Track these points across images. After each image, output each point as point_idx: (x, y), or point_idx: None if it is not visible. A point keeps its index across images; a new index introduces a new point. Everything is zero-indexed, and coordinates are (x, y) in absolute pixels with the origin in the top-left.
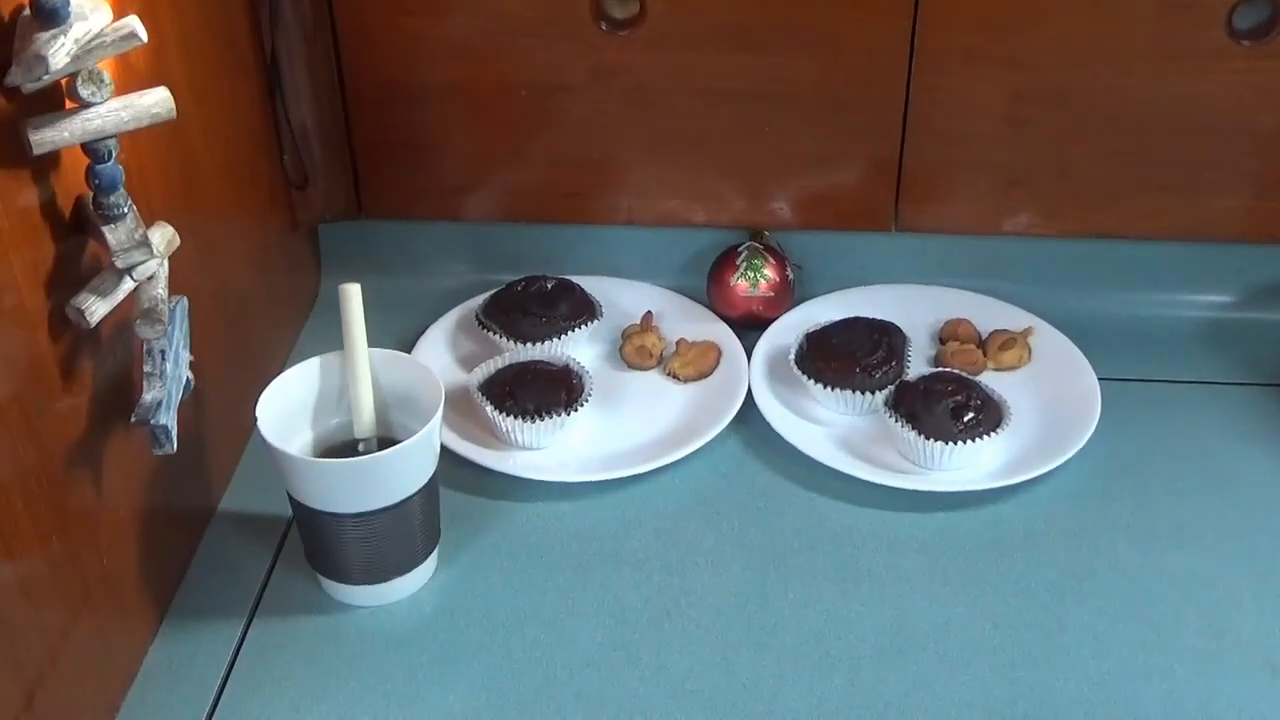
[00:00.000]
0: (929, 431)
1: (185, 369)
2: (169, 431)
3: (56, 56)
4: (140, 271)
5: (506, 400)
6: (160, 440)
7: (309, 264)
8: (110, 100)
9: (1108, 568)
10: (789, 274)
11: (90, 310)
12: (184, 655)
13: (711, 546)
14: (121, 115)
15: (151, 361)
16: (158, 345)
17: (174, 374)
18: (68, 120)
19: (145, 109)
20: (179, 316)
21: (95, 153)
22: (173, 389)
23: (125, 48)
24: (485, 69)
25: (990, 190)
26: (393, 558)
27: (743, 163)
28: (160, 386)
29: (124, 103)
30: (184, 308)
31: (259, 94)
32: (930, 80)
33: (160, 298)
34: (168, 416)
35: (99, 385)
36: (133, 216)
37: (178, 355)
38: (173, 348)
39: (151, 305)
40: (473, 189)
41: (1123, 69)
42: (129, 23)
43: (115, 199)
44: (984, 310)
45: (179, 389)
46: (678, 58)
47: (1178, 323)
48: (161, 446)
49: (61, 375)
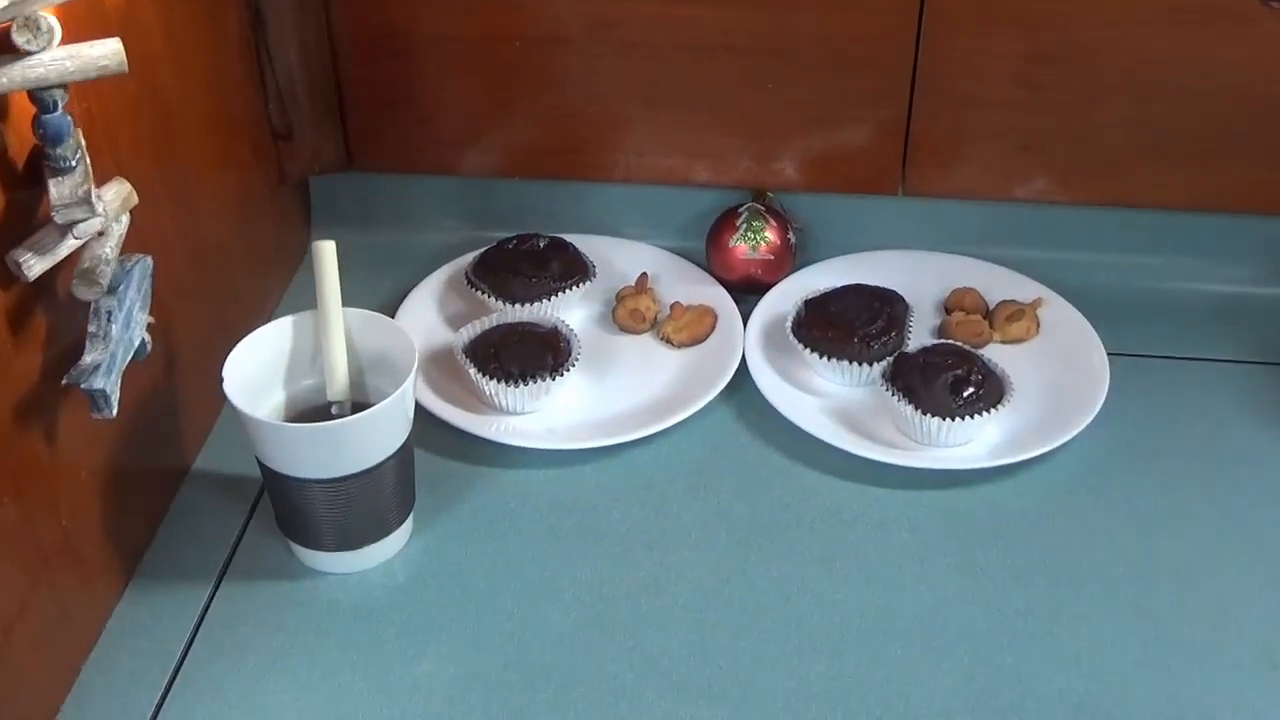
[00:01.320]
0: (926, 406)
1: (140, 331)
2: (108, 396)
3: None
4: (82, 229)
5: (491, 363)
6: (99, 404)
7: (297, 218)
8: (57, 49)
9: (1106, 554)
10: (790, 237)
11: (27, 265)
12: (148, 620)
13: (696, 520)
14: (66, 65)
15: (96, 322)
16: (104, 305)
17: (122, 337)
18: (7, 66)
19: (93, 60)
20: (136, 276)
21: (41, 101)
22: (118, 352)
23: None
24: (478, 18)
25: (1002, 155)
26: (364, 525)
27: (745, 121)
28: (103, 349)
29: (70, 51)
30: (145, 267)
31: (242, 39)
32: (941, 38)
33: (104, 258)
34: (106, 381)
35: (58, 340)
36: (82, 170)
37: (129, 317)
38: (123, 309)
39: (92, 265)
40: (466, 142)
41: (1144, 30)
42: None
43: (62, 151)
44: (992, 279)
45: (126, 353)
46: (678, 10)
47: (1193, 297)
48: (100, 411)
49: (10, 328)
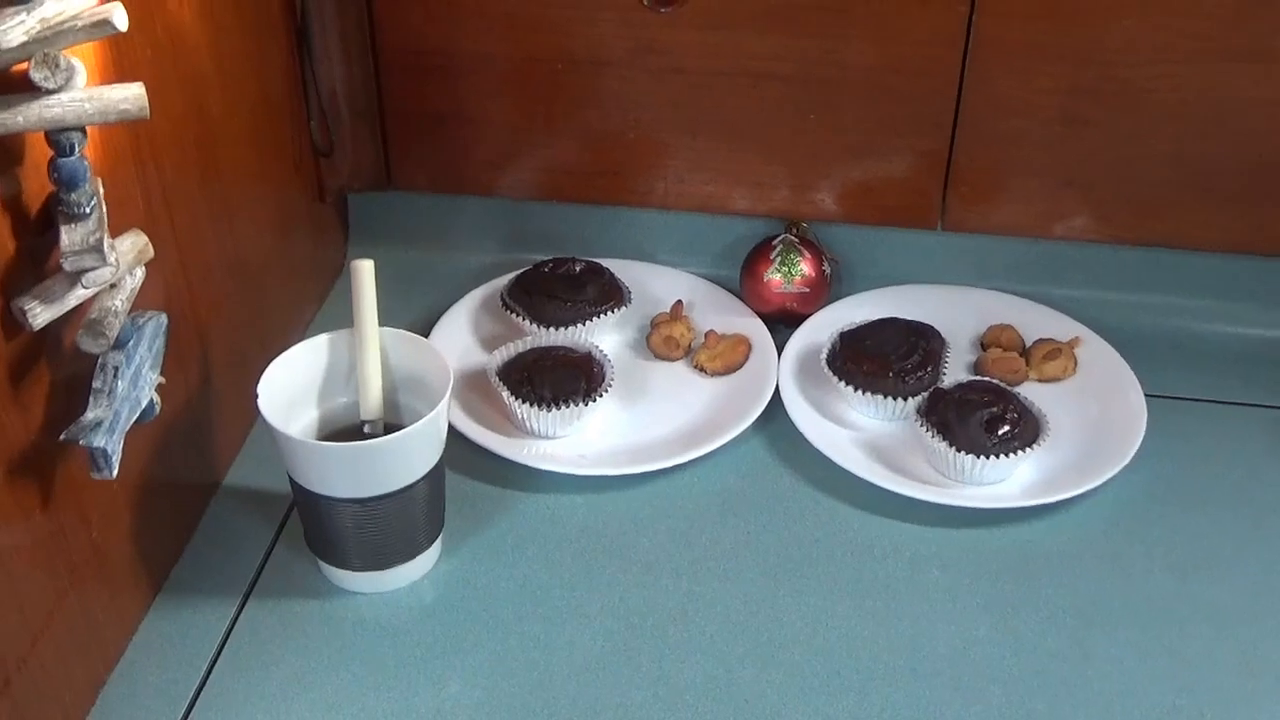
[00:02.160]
0: (961, 443)
1: (148, 391)
2: (108, 456)
3: (10, 34)
4: (91, 279)
5: (524, 386)
6: (98, 464)
7: (335, 235)
8: (76, 90)
9: (1140, 597)
10: (825, 269)
11: (33, 313)
12: (174, 634)
13: (725, 550)
14: (85, 106)
15: (102, 377)
16: (111, 361)
17: (127, 395)
18: (24, 105)
19: (113, 104)
20: (149, 334)
21: (58, 144)
22: (122, 411)
23: (98, 35)
24: (522, 40)
25: (1043, 191)
26: (393, 545)
27: (785, 150)
28: (105, 406)
29: (91, 94)
30: (158, 325)
31: (287, 56)
32: (986, 72)
33: (114, 310)
34: (108, 439)
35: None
36: (96, 219)
37: (138, 375)
38: (131, 367)
39: (99, 317)
40: (505, 164)
41: (1190, 68)
42: (107, 9)
43: (77, 196)
44: (1030, 317)
45: (133, 412)
46: (722, 37)
47: (1234, 340)
48: (99, 470)
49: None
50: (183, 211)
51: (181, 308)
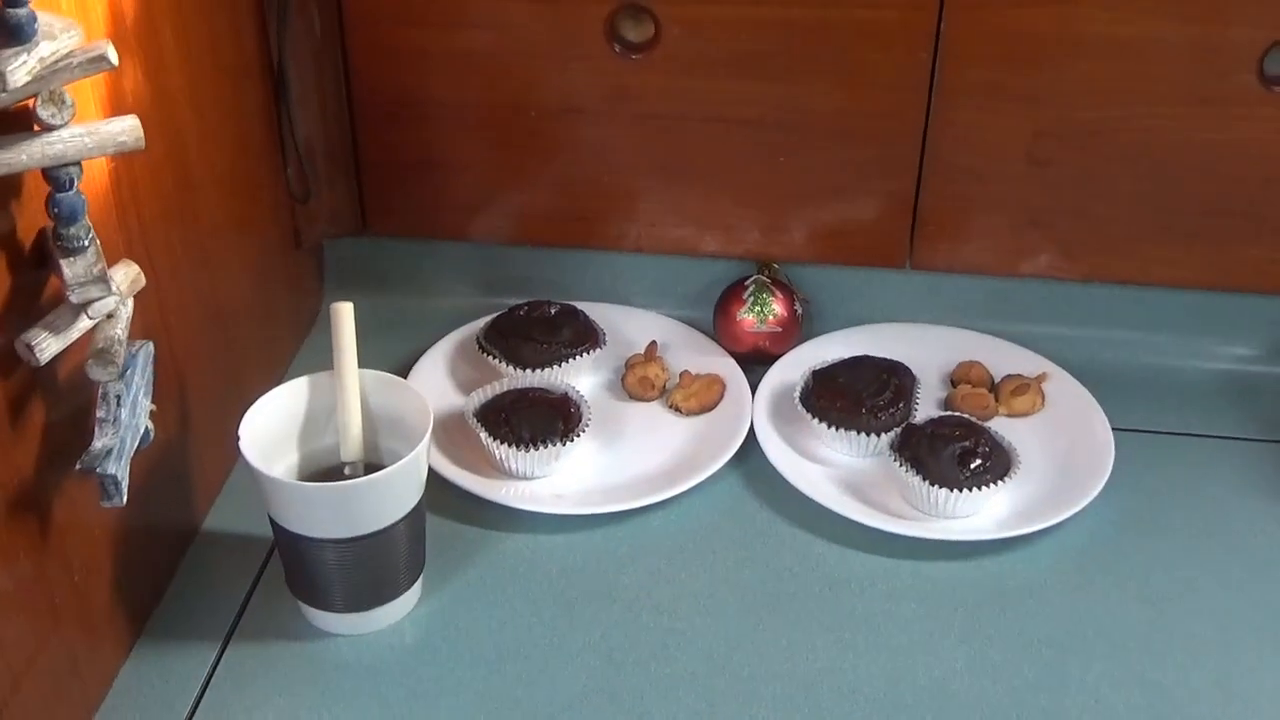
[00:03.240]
0: (934, 477)
1: (144, 418)
2: (118, 483)
3: (16, 74)
4: (96, 309)
5: (502, 427)
6: (109, 491)
7: (311, 280)
8: (74, 125)
9: (1115, 627)
10: (797, 309)
11: (41, 347)
12: (155, 678)
13: (704, 587)
14: (85, 141)
15: (105, 407)
16: (113, 390)
17: (129, 422)
18: (27, 143)
19: (111, 136)
20: (141, 362)
21: (56, 180)
22: (126, 438)
23: (93, 71)
24: (496, 88)
25: (1008, 230)
26: (374, 586)
27: (755, 193)
28: (113, 434)
29: (89, 128)
30: (148, 353)
31: (263, 104)
32: (950, 115)
33: (117, 339)
34: (117, 466)
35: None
36: (94, 251)
37: (136, 403)
38: (130, 394)
39: (106, 345)
40: (480, 209)
41: (1149, 111)
42: (99, 46)
43: (75, 230)
44: (998, 353)
45: (134, 439)
46: (692, 83)
47: (1198, 374)
48: (110, 498)
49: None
50: (162, 254)
51: (160, 350)
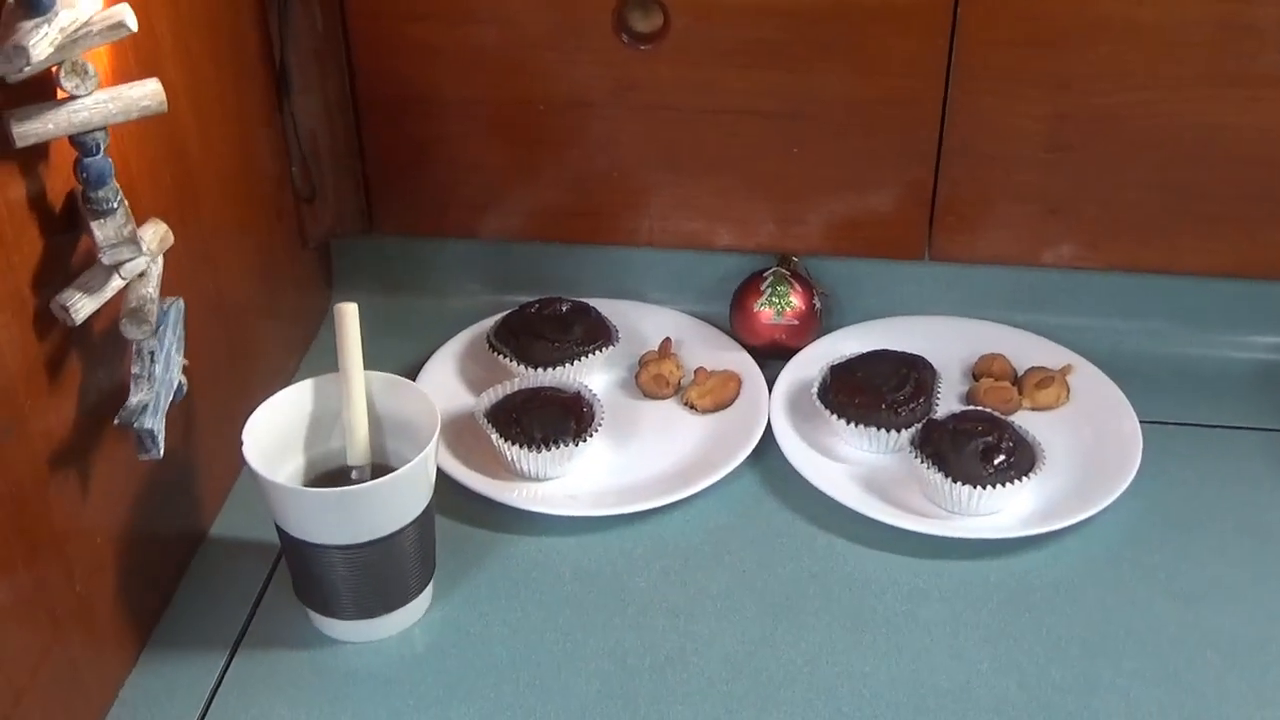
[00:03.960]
0: (956, 474)
1: (177, 373)
2: (155, 436)
3: (39, 47)
4: (128, 269)
5: (513, 428)
6: (145, 444)
7: (319, 280)
8: (98, 92)
9: (1144, 626)
10: (816, 303)
11: (75, 307)
12: (161, 688)
13: (721, 589)
14: (109, 107)
15: (140, 363)
16: (146, 346)
17: (163, 378)
18: (53, 112)
19: (134, 101)
20: (172, 318)
21: (83, 145)
22: (161, 393)
23: (113, 37)
24: (502, 82)
25: (1030, 219)
26: (383, 592)
27: (769, 184)
28: (148, 389)
29: (112, 94)
30: (179, 310)
31: (266, 102)
32: (968, 101)
33: (149, 297)
34: (154, 420)
35: (85, 392)
36: (123, 212)
37: (169, 358)
38: (164, 350)
39: (139, 304)
40: (488, 206)
41: (1175, 93)
42: (118, 11)
43: (104, 193)
44: (1021, 346)
45: (169, 393)
46: (703, 74)
47: (1227, 364)
48: (147, 451)
49: (48, 378)
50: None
51: None
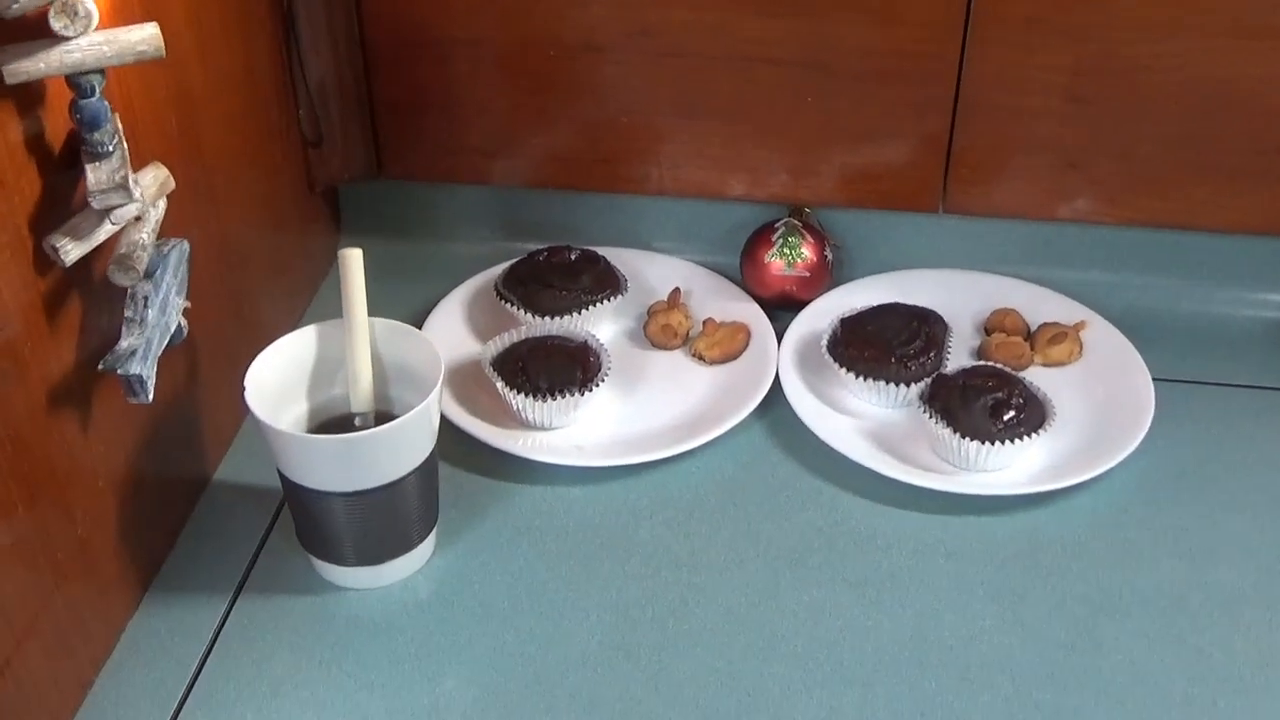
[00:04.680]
0: (965, 429)
1: (177, 316)
2: (144, 381)
3: None
4: (119, 215)
5: (519, 376)
6: (134, 389)
7: (327, 225)
8: (94, 33)
9: (1151, 585)
10: (827, 254)
11: (64, 250)
12: (164, 631)
13: (725, 541)
14: (104, 49)
15: (133, 306)
16: (141, 291)
17: (158, 322)
18: (45, 51)
19: (130, 45)
20: (173, 261)
21: (79, 87)
22: (154, 338)
23: None
24: (513, 25)
25: (1046, 172)
26: (386, 540)
27: (783, 134)
28: (139, 334)
29: (108, 36)
30: (181, 252)
31: (273, 45)
32: (986, 51)
33: (141, 243)
34: (143, 366)
35: (93, 328)
36: (119, 156)
37: (166, 302)
38: (160, 294)
39: (129, 251)
40: (498, 152)
41: (1197, 45)
42: None
43: (99, 136)
44: (1034, 301)
45: (163, 337)
46: (717, 18)
47: (1244, 322)
48: (135, 395)
49: (47, 321)
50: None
51: None
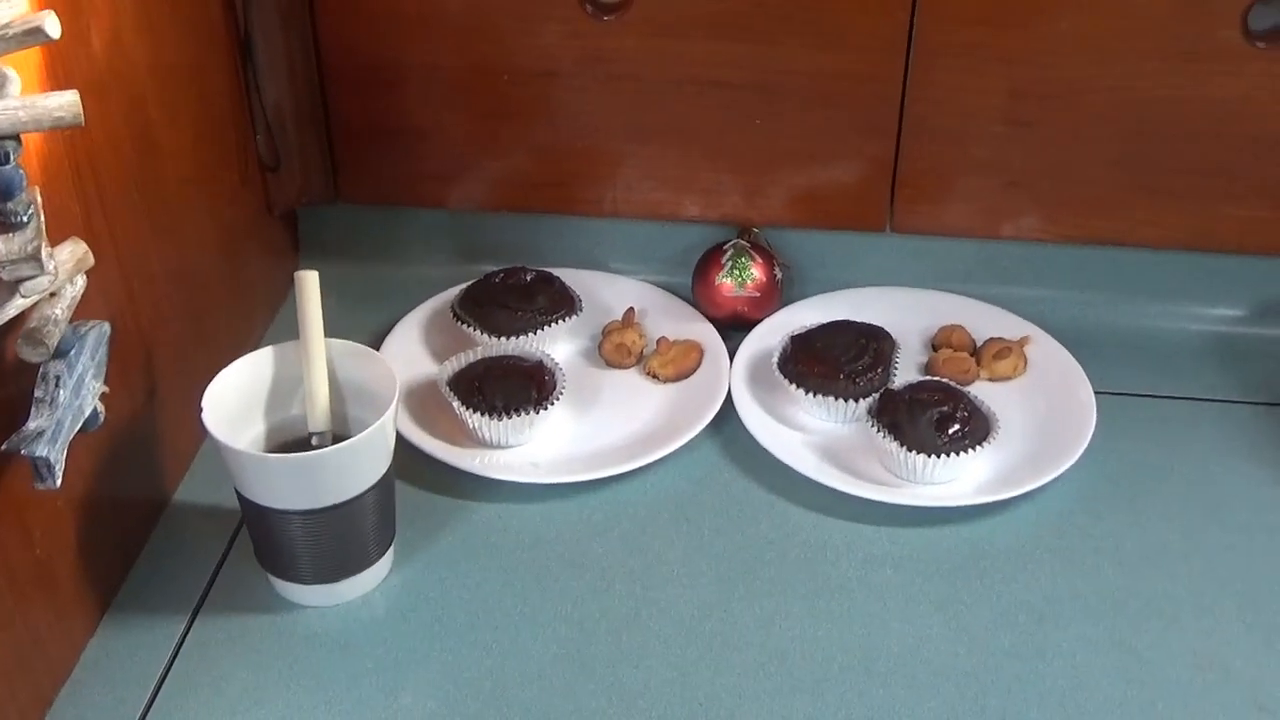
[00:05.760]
0: (911, 443)
1: (92, 400)
2: (50, 465)
3: None
4: (29, 287)
5: (475, 396)
6: (41, 473)
7: (285, 249)
8: (9, 99)
9: (1092, 592)
10: (777, 274)
11: None
12: (123, 651)
13: (679, 555)
14: (19, 115)
15: (44, 387)
16: (53, 370)
17: (70, 404)
18: None
19: (47, 111)
20: (91, 343)
21: None
22: (65, 419)
23: (31, 43)
24: (468, 51)
25: (989, 192)
26: (343, 557)
27: (732, 156)
28: (48, 415)
29: (24, 102)
30: (100, 334)
31: (231, 70)
32: (928, 76)
33: (54, 319)
34: (50, 449)
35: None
36: (34, 228)
37: (80, 384)
38: (74, 376)
39: (39, 325)
40: (453, 176)
41: (1131, 68)
42: (38, 17)
43: (13, 205)
44: (979, 317)
45: (75, 421)
46: (667, 45)
47: (1182, 336)
48: (42, 480)
49: None
50: (123, 222)
51: (124, 320)
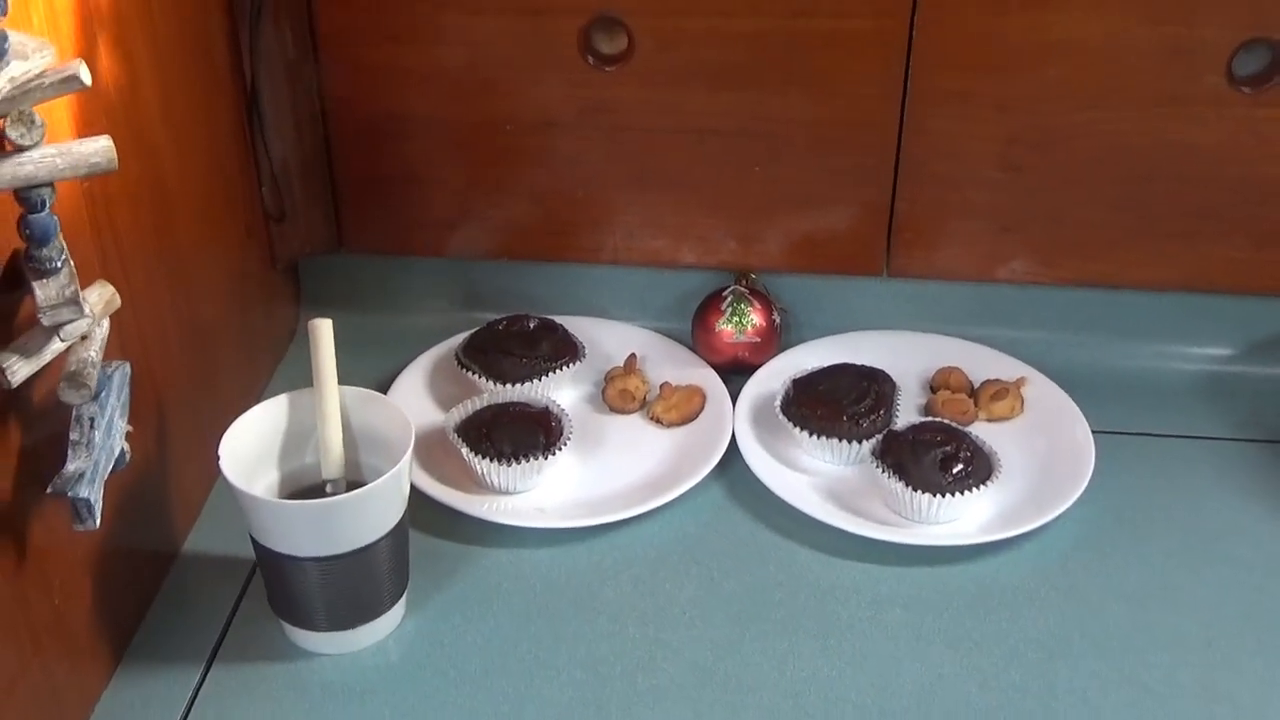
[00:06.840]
0: (916, 483)
1: (119, 440)
2: (91, 506)
3: None
4: (68, 331)
5: (483, 442)
6: (81, 515)
7: (288, 299)
8: (45, 146)
9: (1100, 628)
10: (775, 319)
11: (12, 370)
12: (137, 702)
13: (689, 598)
14: (56, 162)
15: (79, 429)
16: (87, 412)
17: (104, 444)
18: None
19: (84, 157)
20: (116, 383)
21: (27, 201)
22: (101, 460)
23: (65, 91)
24: (470, 103)
25: (984, 236)
26: (358, 604)
27: (731, 203)
28: (86, 457)
29: (61, 149)
30: (124, 374)
31: (237, 123)
32: (923, 123)
33: (90, 361)
34: (90, 490)
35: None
36: (67, 272)
37: (111, 425)
38: (105, 416)
39: (79, 368)
40: (456, 225)
41: (1120, 115)
42: (72, 66)
43: (48, 252)
44: (976, 359)
45: (109, 461)
46: (666, 95)
47: (1175, 375)
48: (83, 522)
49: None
50: (138, 274)
51: (138, 370)
